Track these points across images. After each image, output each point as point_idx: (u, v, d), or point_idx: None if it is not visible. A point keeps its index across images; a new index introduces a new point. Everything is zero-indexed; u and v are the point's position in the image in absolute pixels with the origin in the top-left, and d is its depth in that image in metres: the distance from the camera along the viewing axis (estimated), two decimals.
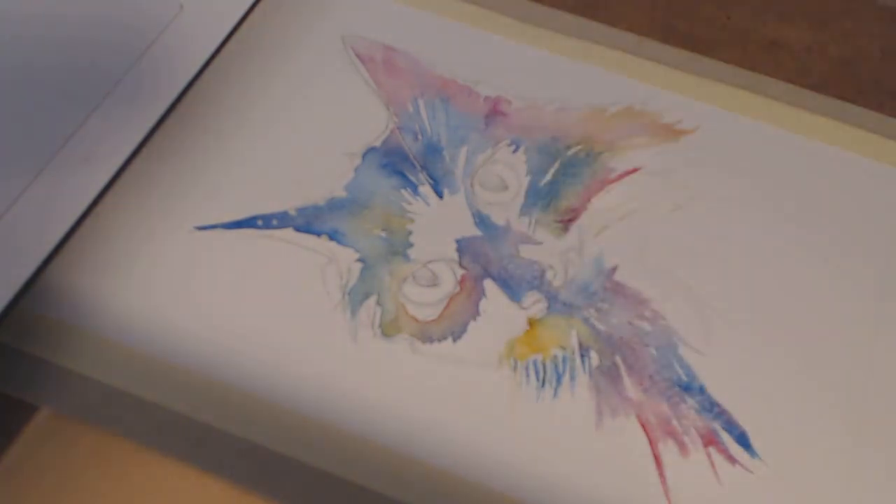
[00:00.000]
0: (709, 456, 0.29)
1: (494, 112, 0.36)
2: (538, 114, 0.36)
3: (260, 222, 0.33)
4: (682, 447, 0.29)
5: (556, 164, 0.35)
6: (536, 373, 0.30)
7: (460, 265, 0.32)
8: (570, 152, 0.36)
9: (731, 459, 0.29)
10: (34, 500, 0.27)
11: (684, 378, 0.30)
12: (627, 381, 0.30)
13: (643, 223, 0.34)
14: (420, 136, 0.35)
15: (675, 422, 0.30)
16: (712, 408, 0.30)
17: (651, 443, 0.29)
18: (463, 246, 0.33)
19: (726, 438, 0.29)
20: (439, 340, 0.31)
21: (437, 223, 0.33)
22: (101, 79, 0.35)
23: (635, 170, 0.35)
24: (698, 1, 0.42)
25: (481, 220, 0.33)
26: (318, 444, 0.28)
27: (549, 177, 0.35)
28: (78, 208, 0.32)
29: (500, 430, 0.29)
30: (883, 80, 0.40)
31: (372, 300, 0.31)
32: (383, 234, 0.33)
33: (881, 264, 0.33)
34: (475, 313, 0.31)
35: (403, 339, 0.30)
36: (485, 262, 0.32)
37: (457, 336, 0.31)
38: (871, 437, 0.30)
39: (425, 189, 0.34)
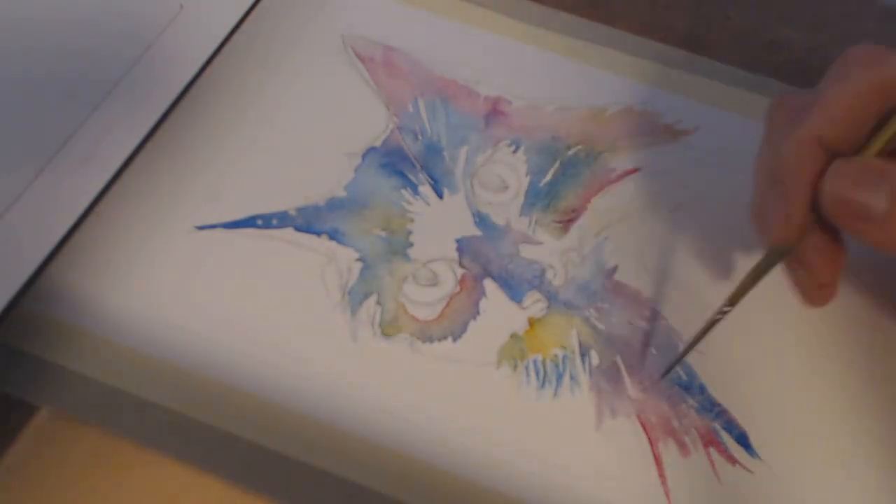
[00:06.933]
0: (709, 456, 0.29)
1: (494, 112, 0.36)
2: (538, 114, 0.36)
3: (260, 222, 0.33)
4: (682, 447, 0.29)
5: (556, 164, 0.35)
6: (536, 372, 0.30)
7: (460, 265, 0.32)
8: (570, 152, 0.36)
9: (731, 459, 0.29)
10: (34, 500, 0.27)
11: (684, 378, 0.30)
12: (627, 381, 0.30)
13: (643, 223, 0.34)
14: (420, 136, 0.35)
15: (675, 422, 0.30)
16: (712, 408, 0.30)
17: (651, 443, 0.29)
18: (463, 246, 0.33)
19: (726, 438, 0.29)
20: (439, 340, 0.31)
21: (437, 223, 0.33)
22: (101, 79, 0.35)
23: (635, 170, 0.35)
24: (698, 1, 0.42)
25: (481, 220, 0.33)
26: (318, 443, 0.28)
27: (549, 177, 0.35)
28: (78, 208, 0.32)
29: (500, 430, 0.29)
30: None
31: (372, 300, 0.31)
32: (383, 234, 0.33)
33: (881, 263, 0.33)
34: (475, 313, 0.31)
35: (403, 338, 0.30)
36: (485, 261, 0.32)
37: (457, 336, 0.31)
38: (870, 437, 0.30)
39: (425, 189, 0.34)
